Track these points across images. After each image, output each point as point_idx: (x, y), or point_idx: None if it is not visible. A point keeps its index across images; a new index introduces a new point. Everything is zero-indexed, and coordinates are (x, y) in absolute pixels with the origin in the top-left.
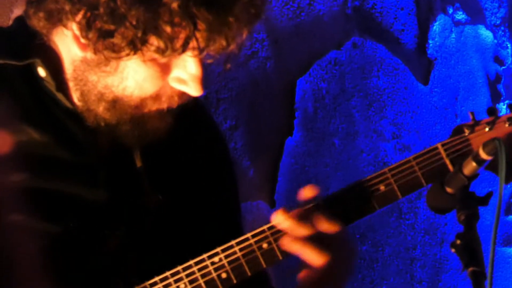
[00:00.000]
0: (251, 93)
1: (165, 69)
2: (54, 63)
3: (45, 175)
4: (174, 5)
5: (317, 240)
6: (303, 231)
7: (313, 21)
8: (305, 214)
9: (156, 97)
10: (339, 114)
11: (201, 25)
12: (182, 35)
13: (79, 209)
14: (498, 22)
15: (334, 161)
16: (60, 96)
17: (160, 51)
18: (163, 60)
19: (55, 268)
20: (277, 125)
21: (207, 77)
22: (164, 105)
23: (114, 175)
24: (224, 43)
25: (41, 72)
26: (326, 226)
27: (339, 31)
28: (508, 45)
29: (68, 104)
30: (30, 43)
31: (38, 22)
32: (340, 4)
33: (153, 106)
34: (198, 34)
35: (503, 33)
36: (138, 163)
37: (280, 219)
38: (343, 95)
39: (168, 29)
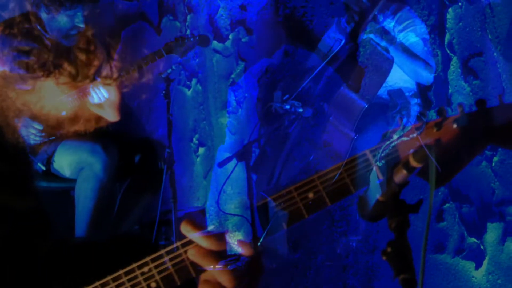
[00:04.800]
0: (186, 102)
1: (82, 92)
2: None
3: None
4: (89, 33)
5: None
6: (211, 247)
7: (245, 29)
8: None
9: (74, 119)
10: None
11: (115, 55)
12: (96, 63)
13: (10, 218)
14: (428, 30)
15: (267, 169)
16: None
17: (72, 76)
18: (77, 84)
19: None
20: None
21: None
22: (81, 128)
23: (43, 185)
24: (137, 74)
25: None
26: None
27: (271, 39)
28: (439, 53)
29: None
30: None
31: None
32: (271, 12)
33: (70, 128)
34: (112, 63)
35: (433, 40)
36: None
37: (187, 230)
38: None
39: (82, 56)
